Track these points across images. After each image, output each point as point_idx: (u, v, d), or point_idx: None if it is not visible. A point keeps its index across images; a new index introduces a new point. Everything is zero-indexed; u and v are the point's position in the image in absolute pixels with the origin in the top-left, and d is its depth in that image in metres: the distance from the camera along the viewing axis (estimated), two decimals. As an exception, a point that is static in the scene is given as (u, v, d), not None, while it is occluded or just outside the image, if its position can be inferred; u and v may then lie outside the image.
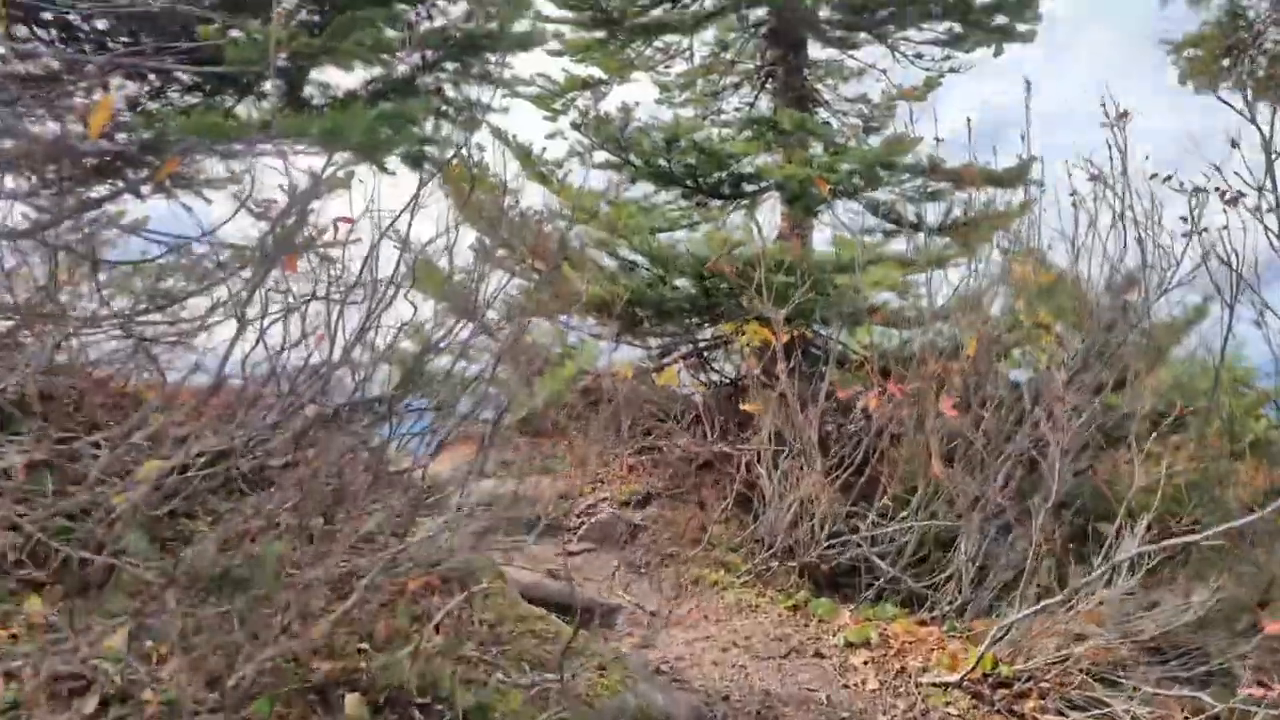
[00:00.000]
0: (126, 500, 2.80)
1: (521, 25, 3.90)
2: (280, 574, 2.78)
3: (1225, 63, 9.21)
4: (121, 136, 4.38)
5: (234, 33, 3.62)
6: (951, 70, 8.96)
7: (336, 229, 4.61)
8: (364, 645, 3.02)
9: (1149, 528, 3.89)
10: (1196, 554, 4.30)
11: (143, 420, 3.35)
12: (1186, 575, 4.39)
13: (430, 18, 3.44)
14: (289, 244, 4.82)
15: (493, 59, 3.49)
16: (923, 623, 4.99)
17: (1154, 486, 3.90)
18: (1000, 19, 7.92)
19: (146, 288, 5.21)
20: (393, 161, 3.72)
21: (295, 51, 2.94)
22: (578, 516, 6.41)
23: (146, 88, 4.59)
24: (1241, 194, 5.96)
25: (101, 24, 4.23)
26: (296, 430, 3.81)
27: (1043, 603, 3.83)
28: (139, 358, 4.58)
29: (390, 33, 3.23)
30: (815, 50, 9.45)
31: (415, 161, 3.52)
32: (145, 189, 5.42)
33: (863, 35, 9.16)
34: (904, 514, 5.31)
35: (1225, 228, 6.11)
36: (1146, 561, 3.83)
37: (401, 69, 3.67)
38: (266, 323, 4.10)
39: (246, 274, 4.07)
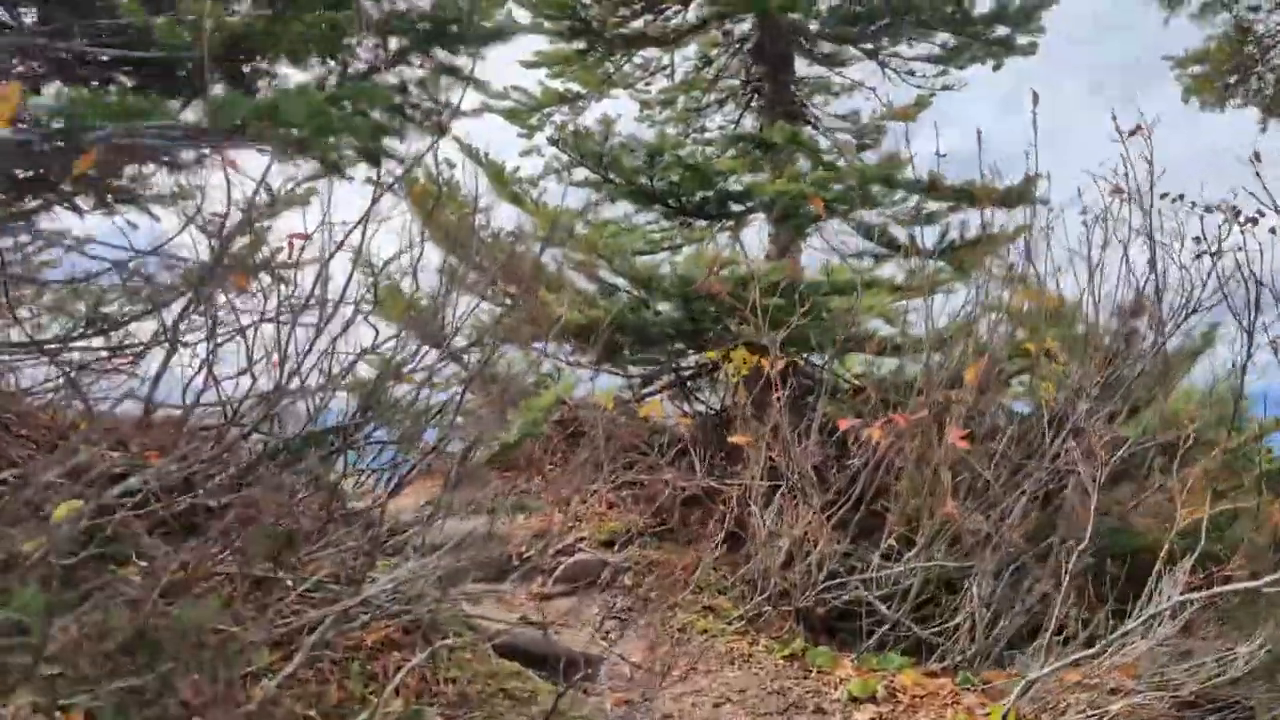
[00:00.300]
0: (37, 546, 2.47)
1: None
2: (214, 632, 2.46)
3: (1232, 80, 9.08)
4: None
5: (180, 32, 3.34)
6: (945, 88, 8.82)
7: (291, 245, 4.32)
8: (311, 712, 2.70)
9: (1193, 569, 3.63)
10: (1232, 598, 4.03)
11: (69, 454, 3.04)
12: (1219, 622, 4.12)
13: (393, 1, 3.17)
14: (238, 261, 4.52)
15: (464, 51, 3.23)
16: (932, 674, 4.69)
17: (1192, 529, 3.63)
18: (1001, 30, 7.76)
19: (87, 310, 4.88)
20: (349, 165, 3.44)
21: (236, 36, 2.66)
22: (553, 557, 6.09)
23: (85, 90, 4.29)
24: (1261, 213, 5.78)
25: (29, 17, 3.95)
26: (240, 465, 3.50)
27: (1076, 654, 3.54)
28: (69, 386, 4.26)
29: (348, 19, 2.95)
30: (802, 67, 9.29)
31: (373, 158, 3.22)
32: (85, 204, 5.10)
33: (852, 52, 9.01)
34: (909, 554, 5.02)
35: (1242, 248, 5.93)
36: (1189, 609, 3.56)
37: (360, 65, 3.40)
38: (210, 346, 3.81)
39: (190, 293, 3.78)
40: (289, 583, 3.45)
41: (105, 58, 3.22)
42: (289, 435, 3.96)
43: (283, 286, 4.27)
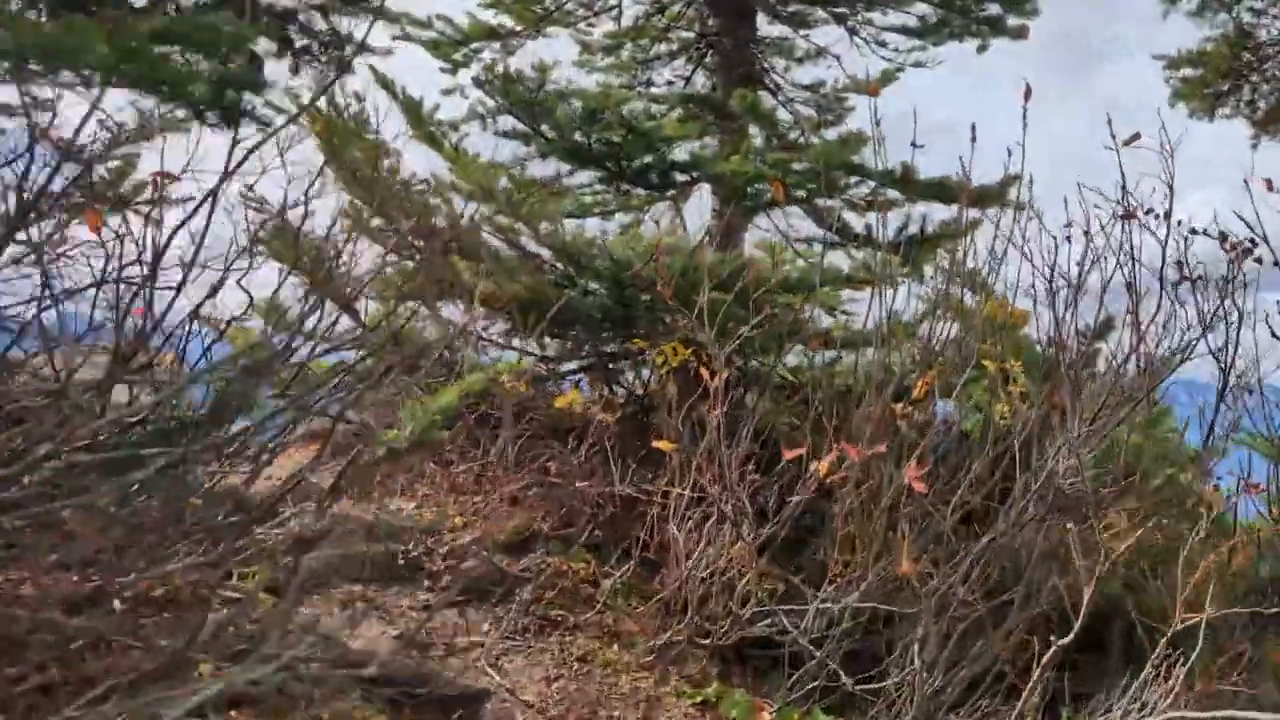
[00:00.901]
0: None
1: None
2: None
3: (1225, 86, 8.87)
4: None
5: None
6: (917, 64, 8.46)
7: (156, 184, 3.78)
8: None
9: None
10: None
11: None
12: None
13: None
14: (93, 192, 4.00)
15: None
16: (862, 736, 4.40)
17: (1192, 625, 3.33)
18: (992, 8, 7.38)
19: None
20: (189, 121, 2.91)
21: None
22: (443, 560, 5.63)
23: None
24: (1254, 242, 5.59)
25: None
26: (63, 462, 2.96)
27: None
28: None
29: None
30: (763, 25, 8.85)
31: (227, 116, 2.66)
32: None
33: (820, 13, 8.59)
34: (846, 599, 4.69)
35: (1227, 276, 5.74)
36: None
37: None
38: (38, 308, 3.28)
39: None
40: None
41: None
42: (132, 419, 3.42)
43: (143, 232, 3.70)
